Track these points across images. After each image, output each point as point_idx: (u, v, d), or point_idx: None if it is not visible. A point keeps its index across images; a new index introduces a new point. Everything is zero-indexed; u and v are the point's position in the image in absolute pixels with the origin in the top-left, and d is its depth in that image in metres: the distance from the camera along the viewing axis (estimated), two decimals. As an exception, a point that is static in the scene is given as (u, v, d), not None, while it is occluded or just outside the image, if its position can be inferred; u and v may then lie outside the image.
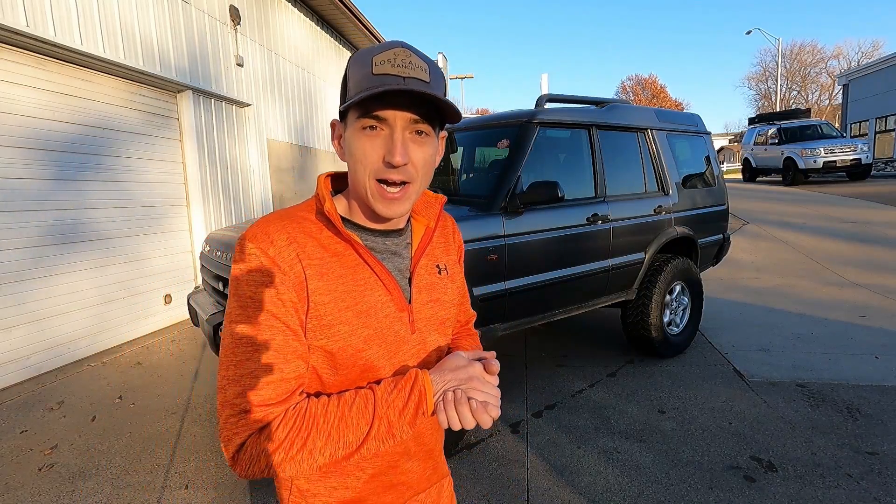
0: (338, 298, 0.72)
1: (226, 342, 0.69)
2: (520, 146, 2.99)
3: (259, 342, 0.67)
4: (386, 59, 0.68)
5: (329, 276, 0.72)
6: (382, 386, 0.72)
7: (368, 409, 0.69)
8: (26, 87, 3.74)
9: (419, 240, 0.85)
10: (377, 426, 0.69)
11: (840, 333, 4.20)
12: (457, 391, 0.71)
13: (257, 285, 0.68)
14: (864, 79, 21.87)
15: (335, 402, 0.70)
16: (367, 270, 0.75)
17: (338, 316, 0.71)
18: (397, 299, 0.77)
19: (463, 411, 0.69)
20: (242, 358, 0.67)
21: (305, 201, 0.80)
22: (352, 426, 0.68)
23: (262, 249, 0.69)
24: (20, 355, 3.72)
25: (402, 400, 0.70)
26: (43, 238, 3.89)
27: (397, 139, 0.69)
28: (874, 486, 2.25)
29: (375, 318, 0.75)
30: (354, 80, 0.69)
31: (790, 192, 12.50)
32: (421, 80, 0.68)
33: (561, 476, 2.41)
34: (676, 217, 3.80)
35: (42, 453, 2.72)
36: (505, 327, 2.91)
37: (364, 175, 0.71)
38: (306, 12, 8.21)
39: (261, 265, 0.68)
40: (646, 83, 51.01)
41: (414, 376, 0.72)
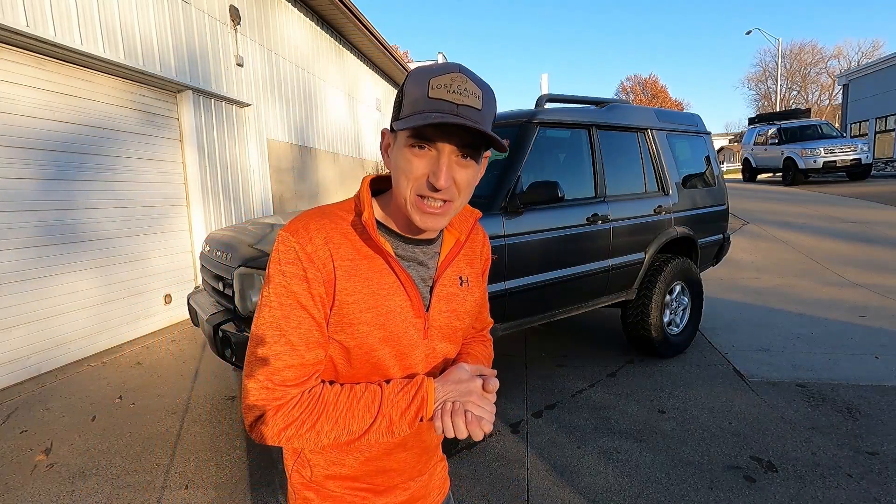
0: (360, 300, 0.77)
1: (258, 323, 0.75)
2: (520, 146, 2.99)
3: (287, 328, 0.74)
4: (443, 84, 0.70)
5: (356, 278, 0.77)
6: (391, 386, 0.78)
7: (374, 404, 0.76)
8: (26, 87, 3.74)
9: (447, 251, 0.88)
10: (380, 421, 0.75)
11: (840, 333, 4.20)
12: (455, 402, 0.76)
13: (292, 277, 0.74)
14: (864, 79, 21.87)
15: (346, 392, 0.76)
16: (391, 276, 0.80)
17: (358, 316, 0.77)
18: (416, 306, 0.82)
19: (458, 422, 0.74)
20: (271, 340, 0.73)
21: (346, 201, 0.84)
22: (357, 417, 0.75)
23: (301, 245, 0.74)
24: (20, 355, 3.72)
25: (405, 402, 0.76)
26: (43, 238, 3.89)
27: (443, 164, 0.72)
28: (874, 486, 2.25)
29: (393, 322, 0.80)
30: (410, 99, 0.72)
31: (790, 192, 12.50)
32: (473, 107, 0.71)
33: (561, 476, 2.41)
34: (676, 217, 3.80)
35: (37, 458, 2.72)
36: (505, 327, 2.91)
37: (406, 188, 0.75)
38: (306, 12, 8.22)
39: (297, 259, 0.74)
40: (646, 83, 51.01)
41: (419, 382, 0.78)
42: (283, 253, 0.75)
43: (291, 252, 0.74)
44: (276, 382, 0.73)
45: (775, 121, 16.01)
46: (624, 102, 3.87)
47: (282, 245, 0.76)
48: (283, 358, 0.73)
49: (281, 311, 0.74)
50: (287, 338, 0.74)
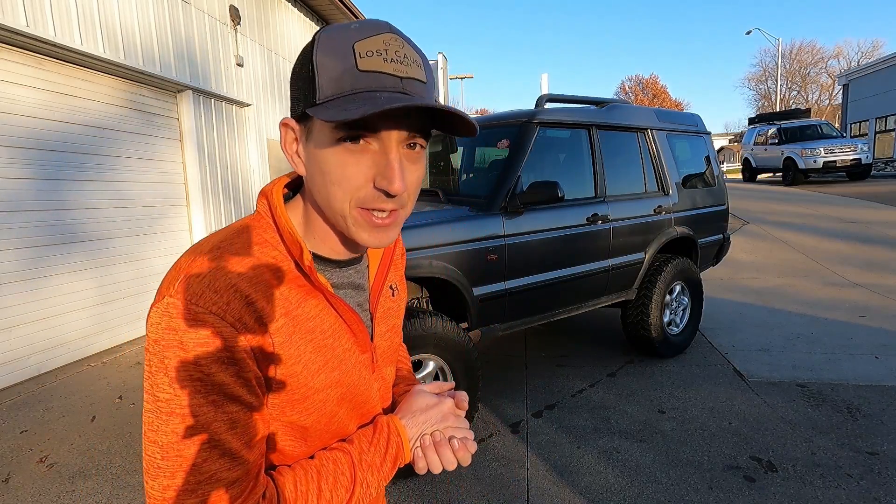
0: (308, 363, 0.59)
1: (165, 441, 0.51)
2: (520, 146, 2.99)
3: (218, 437, 0.52)
4: (374, 50, 0.51)
5: (298, 336, 0.58)
6: (356, 445, 0.63)
7: (346, 475, 0.61)
8: (26, 87, 3.74)
9: (377, 264, 0.71)
10: (358, 491, 0.61)
11: (840, 333, 4.20)
12: (435, 434, 0.66)
13: (212, 363, 0.51)
14: (864, 79, 21.87)
15: (307, 477, 0.59)
16: (331, 314, 0.62)
17: (311, 384, 0.59)
18: (361, 341, 0.66)
19: (445, 453, 0.64)
20: (196, 459, 0.51)
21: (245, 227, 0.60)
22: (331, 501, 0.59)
23: (216, 313, 0.51)
24: (20, 355, 3.72)
25: (378, 457, 0.63)
26: (43, 238, 3.89)
27: (394, 160, 0.53)
28: (874, 486, 2.25)
29: (346, 372, 0.63)
30: (330, 75, 0.51)
31: (790, 192, 12.50)
32: (419, 80, 0.53)
33: (561, 476, 2.41)
34: (676, 217, 3.80)
35: (40, 460, 2.72)
36: (505, 327, 2.91)
37: (344, 203, 0.55)
38: (306, 12, 8.21)
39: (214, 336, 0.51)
40: (646, 84, 51.02)
41: (386, 426, 0.65)
42: (185, 332, 0.50)
43: (203, 328, 0.50)
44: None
45: (775, 121, 16.02)
46: (624, 102, 3.87)
47: (179, 321, 0.50)
48: (223, 476, 0.52)
49: (204, 415, 0.51)
50: (223, 447, 0.52)
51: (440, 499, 2.27)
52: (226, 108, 5.99)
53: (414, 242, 2.47)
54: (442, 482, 2.39)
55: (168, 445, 0.51)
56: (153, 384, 0.52)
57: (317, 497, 0.58)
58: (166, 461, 0.51)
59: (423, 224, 2.59)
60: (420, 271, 2.45)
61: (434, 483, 2.38)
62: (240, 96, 6.24)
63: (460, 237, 2.63)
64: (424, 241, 2.50)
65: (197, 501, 0.51)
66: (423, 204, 3.21)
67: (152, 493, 0.52)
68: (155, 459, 0.52)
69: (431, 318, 2.41)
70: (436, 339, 2.40)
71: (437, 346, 2.43)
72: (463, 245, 2.62)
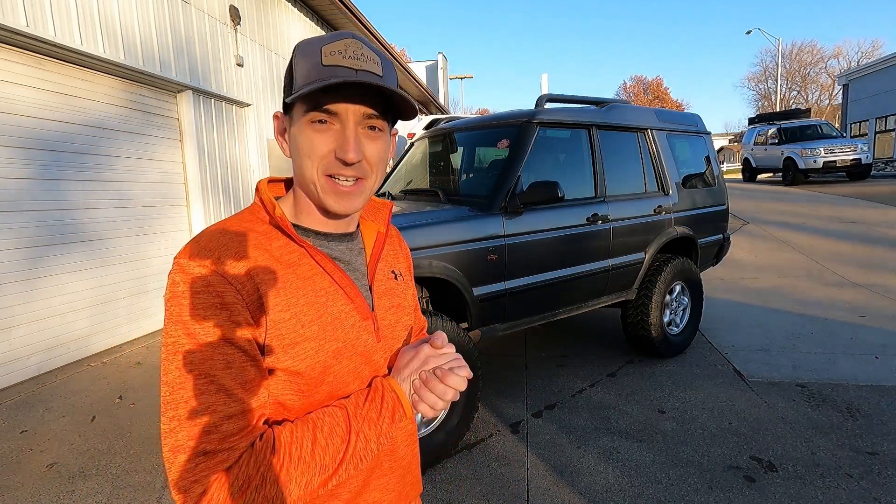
0: (299, 313, 0.66)
1: (171, 378, 0.59)
2: (520, 146, 2.99)
3: (215, 372, 0.59)
4: (336, 50, 0.64)
5: (287, 290, 0.65)
6: (352, 401, 0.68)
7: (341, 426, 0.65)
8: (26, 86, 3.74)
9: (372, 245, 0.81)
10: (354, 443, 0.65)
11: (840, 333, 4.20)
12: (421, 373, 0.71)
13: (207, 308, 0.60)
14: (864, 79, 21.88)
15: (304, 426, 0.64)
16: (325, 279, 0.70)
17: (301, 332, 0.65)
18: (360, 307, 0.73)
19: (435, 386, 0.69)
20: (195, 392, 0.58)
21: (244, 211, 0.73)
22: (328, 448, 0.63)
23: (210, 268, 0.61)
24: (20, 355, 3.72)
25: (374, 411, 0.68)
26: (43, 238, 3.89)
27: (350, 134, 0.66)
28: (874, 486, 2.25)
29: (342, 330, 0.70)
30: (302, 71, 0.65)
31: (790, 192, 12.50)
32: (374, 72, 0.65)
33: (561, 476, 2.41)
34: (676, 217, 3.80)
35: (43, 464, 2.72)
36: (505, 327, 2.91)
37: (312, 170, 0.67)
38: (306, 12, 8.21)
39: (209, 286, 0.61)
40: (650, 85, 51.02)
41: (381, 385, 0.70)
42: (187, 284, 0.61)
43: (199, 280, 0.61)
44: (215, 442, 0.58)
45: (775, 121, 16.01)
46: (624, 102, 3.87)
47: (182, 275, 0.61)
48: (220, 409, 0.58)
49: (201, 353, 0.59)
50: (219, 383, 0.59)
51: (440, 499, 2.27)
52: (225, 108, 5.99)
53: (414, 242, 2.47)
54: (442, 482, 2.39)
55: (172, 382, 0.59)
56: (165, 333, 0.62)
57: (311, 443, 0.63)
58: (172, 395, 0.59)
59: (423, 224, 2.59)
60: (420, 271, 2.45)
61: (434, 483, 2.38)
62: (240, 96, 6.23)
63: (460, 237, 2.63)
64: (424, 241, 2.50)
65: (197, 430, 0.58)
66: (423, 204, 3.21)
67: (163, 428, 0.59)
68: (165, 396, 0.60)
69: (431, 318, 2.41)
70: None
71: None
72: (463, 245, 2.62)
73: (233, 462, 0.58)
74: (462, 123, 3.72)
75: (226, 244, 0.64)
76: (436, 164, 3.96)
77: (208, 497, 0.57)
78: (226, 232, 0.66)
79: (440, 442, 2.51)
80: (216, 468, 0.57)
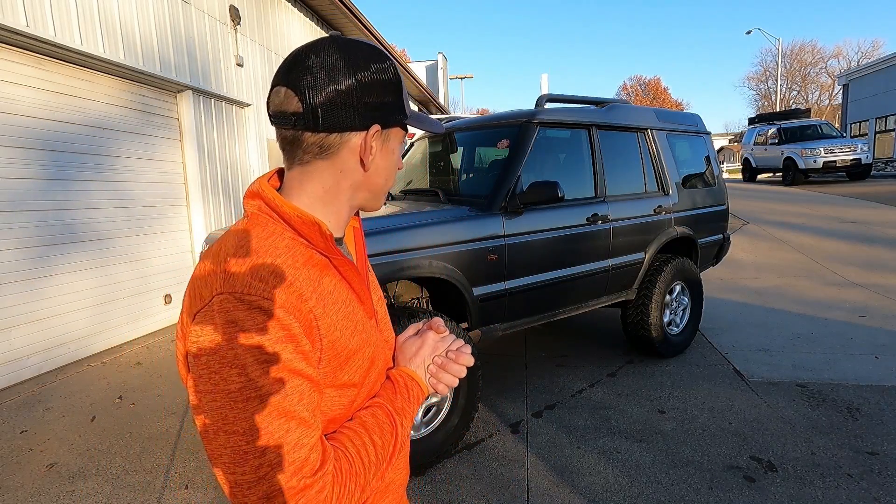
0: (344, 328, 0.65)
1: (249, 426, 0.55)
2: (520, 146, 2.99)
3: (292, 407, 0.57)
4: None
5: (328, 307, 0.64)
6: (387, 397, 0.73)
7: (388, 423, 0.70)
8: (26, 87, 3.74)
9: (353, 241, 0.82)
10: (399, 434, 0.71)
11: (840, 333, 4.20)
12: (435, 360, 0.78)
13: (275, 343, 0.57)
14: (864, 79, 21.88)
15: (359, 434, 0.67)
16: (344, 286, 0.69)
17: (350, 346, 0.66)
18: (368, 308, 0.73)
19: (451, 367, 0.77)
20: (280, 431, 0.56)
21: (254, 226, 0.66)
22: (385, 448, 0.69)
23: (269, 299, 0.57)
24: (20, 355, 3.72)
25: (406, 401, 0.74)
26: (43, 238, 3.89)
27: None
28: (874, 486, 2.25)
29: (369, 334, 0.71)
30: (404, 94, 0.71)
31: (790, 192, 12.50)
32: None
33: (561, 476, 2.41)
34: (676, 217, 3.80)
35: (43, 464, 2.72)
36: (505, 327, 2.91)
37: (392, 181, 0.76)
38: (306, 12, 8.21)
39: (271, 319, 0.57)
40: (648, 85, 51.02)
41: (402, 377, 0.76)
42: (245, 321, 0.56)
43: (259, 314, 0.56)
44: (307, 474, 0.57)
45: (775, 121, 16.01)
46: (624, 102, 3.86)
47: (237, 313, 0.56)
48: (306, 441, 0.58)
49: (278, 392, 0.56)
50: (298, 418, 0.57)
51: (440, 499, 2.27)
52: (226, 108, 5.99)
53: (414, 242, 2.47)
54: (442, 482, 2.39)
55: (252, 429, 0.55)
56: (221, 379, 0.56)
57: (373, 446, 0.66)
58: (252, 443, 0.55)
59: (423, 224, 2.59)
60: (420, 271, 2.45)
61: (434, 483, 2.38)
62: (240, 96, 6.24)
63: (460, 237, 2.63)
64: (424, 241, 2.50)
65: (292, 470, 0.56)
66: (424, 204, 3.21)
67: (244, 478, 0.55)
68: (240, 447, 0.55)
69: (431, 319, 2.40)
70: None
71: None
72: (463, 245, 2.62)
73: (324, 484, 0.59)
74: (462, 123, 3.72)
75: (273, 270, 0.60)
76: (436, 164, 3.96)
77: None
78: (261, 251, 0.62)
79: (440, 442, 2.51)
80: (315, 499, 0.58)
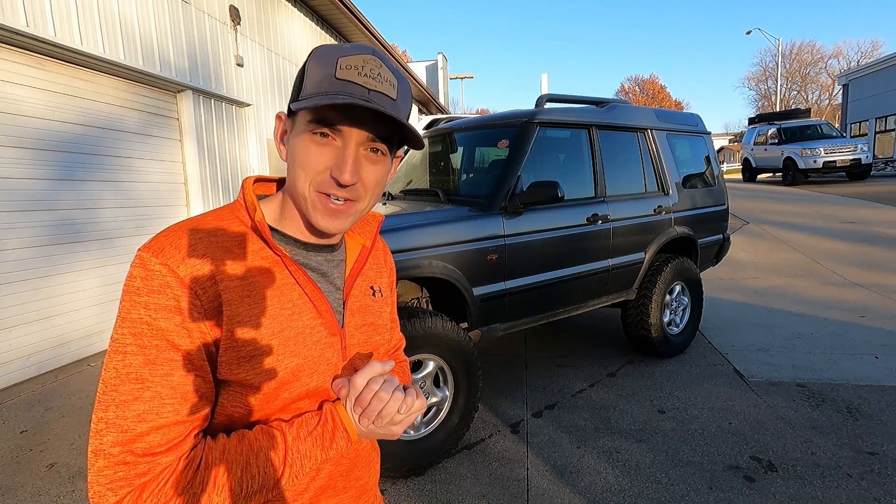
0: (260, 326, 0.63)
1: (108, 376, 0.56)
2: (520, 146, 2.99)
3: (152, 378, 0.56)
4: (353, 65, 0.61)
5: (251, 300, 0.62)
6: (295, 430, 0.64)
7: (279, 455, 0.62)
8: (26, 87, 3.74)
9: (354, 259, 0.77)
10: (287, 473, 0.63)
11: (840, 333, 4.20)
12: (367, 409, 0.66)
13: (159, 309, 0.57)
14: (864, 79, 21.88)
15: (237, 446, 0.61)
16: (296, 290, 0.67)
17: (260, 346, 0.62)
18: (329, 323, 0.69)
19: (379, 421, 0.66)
20: (129, 397, 0.55)
21: (221, 208, 0.68)
22: (256, 477, 0.60)
23: (170, 266, 0.58)
24: (20, 355, 3.72)
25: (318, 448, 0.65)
26: (43, 238, 3.89)
27: (349, 155, 0.63)
28: (874, 486, 2.25)
29: (305, 346, 0.66)
30: (314, 79, 0.62)
31: (790, 192, 12.50)
32: (388, 95, 0.62)
33: (561, 476, 2.41)
34: (676, 217, 3.80)
35: (43, 464, 2.72)
36: (505, 327, 2.91)
37: (305, 184, 0.64)
38: (307, 12, 8.21)
39: (166, 285, 0.57)
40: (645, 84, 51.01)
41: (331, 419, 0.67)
42: (144, 279, 0.57)
43: (157, 277, 0.57)
44: (137, 453, 0.55)
45: (775, 121, 16.02)
46: (624, 102, 3.86)
47: (142, 269, 0.58)
48: (148, 418, 0.55)
49: (143, 356, 0.56)
50: (154, 390, 0.56)
51: (440, 499, 2.27)
52: (226, 108, 5.99)
53: (414, 242, 2.47)
54: (442, 482, 2.39)
55: (108, 381, 0.56)
56: (114, 326, 0.58)
57: (242, 470, 0.60)
58: (105, 395, 0.56)
59: (423, 224, 2.59)
60: (420, 271, 2.44)
61: (434, 483, 2.38)
62: (240, 96, 6.24)
63: (460, 237, 2.63)
64: (424, 241, 2.50)
65: (119, 436, 0.55)
66: (424, 204, 3.21)
67: (91, 426, 0.57)
68: (99, 394, 0.57)
69: (431, 318, 2.41)
70: (436, 339, 2.40)
71: (437, 346, 2.42)
72: (463, 245, 2.62)
73: (152, 477, 0.55)
74: (462, 123, 3.72)
75: (194, 243, 0.60)
76: (436, 164, 3.96)
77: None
78: (197, 230, 0.62)
79: (440, 442, 2.51)
80: (134, 481, 0.55)
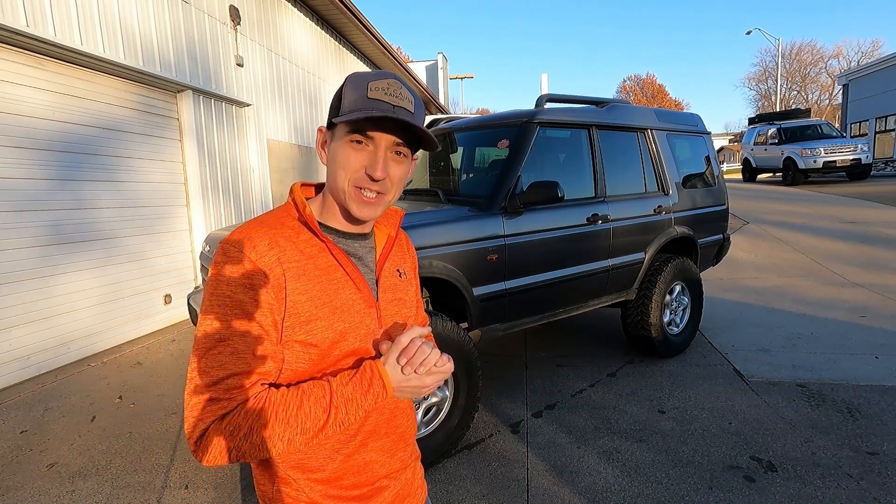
0: (314, 297, 0.80)
1: (199, 335, 0.74)
2: (520, 146, 2.99)
3: (232, 338, 0.73)
4: (380, 87, 0.79)
5: (306, 277, 0.80)
6: (338, 378, 0.79)
7: (325, 399, 0.76)
8: (27, 87, 3.74)
9: (382, 245, 0.95)
10: (334, 415, 0.76)
11: (840, 333, 4.20)
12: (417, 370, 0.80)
13: (237, 286, 0.75)
14: (864, 79, 21.87)
15: (295, 392, 0.76)
16: (339, 271, 0.84)
17: (315, 312, 0.79)
18: (366, 297, 0.86)
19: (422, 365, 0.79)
20: (215, 351, 0.73)
21: (279, 208, 0.88)
22: (310, 414, 0.75)
23: (246, 253, 0.76)
24: (20, 355, 3.72)
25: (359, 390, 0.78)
26: (43, 238, 3.89)
27: (380, 157, 0.80)
28: (874, 486, 2.25)
29: (349, 313, 0.83)
30: (350, 99, 0.79)
31: (790, 192, 12.49)
32: (408, 109, 0.80)
33: (561, 476, 2.41)
34: (676, 217, 3.79)
35: (43, 464, 2.72)
36: (505, 327, 2.91)
37: (344, 180, 0.81)
38: (307, 13, 8.21)
39: (243, 268, 0.75)
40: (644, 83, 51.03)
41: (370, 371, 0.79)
42: (226, 263, 0.76)
43: (235, 261, 0.76)
44: (221, 391, 0.72)
45: (775, 121, 16.01)
46: (624, 102, 3.86)
47: (224, 255, 0.77)
48: (229, 367, 0.73)
49: (225, 321, 0.74)
50: (232, 346, 0.73)
51: (440, 499, 2.27)
52: (226, 108, 5.99)
53: (414, 242, 2.46)
54: (442, 482, 2.39)
55: (199, 339, 0.75)
56: (204, 297, 0.77)
57: (297, 408, 0.74)
58: (197, 350, 0.74)
59: (423, 224, 2.59)
60: (420, 271, 2.44)
61: (434, 483, 2.38)
62: (240, 96, 6.23)
63: (460, 237, 2.63)
64: (425, 241, 2.50)
65: (208, 379, 0.72)
66: (424, 204, 3.21)
67: (187, 373, 0.75)
68: (195, 350, 0.75)
69: (431, 318, 2.41)
70: (436, 339, 2.40)
71: (437, 345, 2.42)
72: (463, 245, 2.62)
73: (230, 410, 0.72)
74: (462, 123, 3.72)
75: (261, 235, 0.79)
76: (436, 164, 3.96)
77: (207, 436, 0.71)
78: (263, 224, 0.82)
79: (440, 442, 2.51)
80: (217, 412, 0.71)
